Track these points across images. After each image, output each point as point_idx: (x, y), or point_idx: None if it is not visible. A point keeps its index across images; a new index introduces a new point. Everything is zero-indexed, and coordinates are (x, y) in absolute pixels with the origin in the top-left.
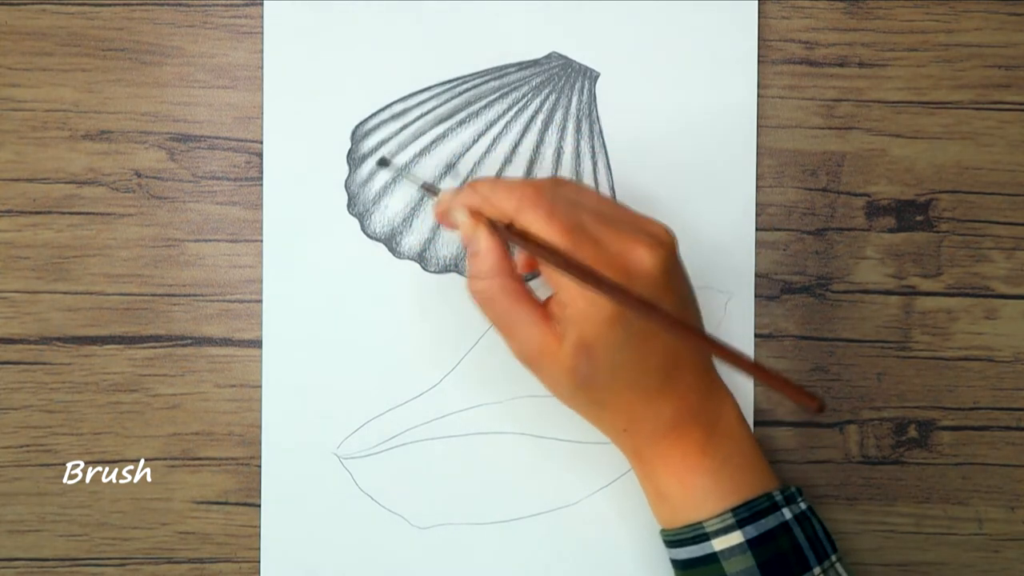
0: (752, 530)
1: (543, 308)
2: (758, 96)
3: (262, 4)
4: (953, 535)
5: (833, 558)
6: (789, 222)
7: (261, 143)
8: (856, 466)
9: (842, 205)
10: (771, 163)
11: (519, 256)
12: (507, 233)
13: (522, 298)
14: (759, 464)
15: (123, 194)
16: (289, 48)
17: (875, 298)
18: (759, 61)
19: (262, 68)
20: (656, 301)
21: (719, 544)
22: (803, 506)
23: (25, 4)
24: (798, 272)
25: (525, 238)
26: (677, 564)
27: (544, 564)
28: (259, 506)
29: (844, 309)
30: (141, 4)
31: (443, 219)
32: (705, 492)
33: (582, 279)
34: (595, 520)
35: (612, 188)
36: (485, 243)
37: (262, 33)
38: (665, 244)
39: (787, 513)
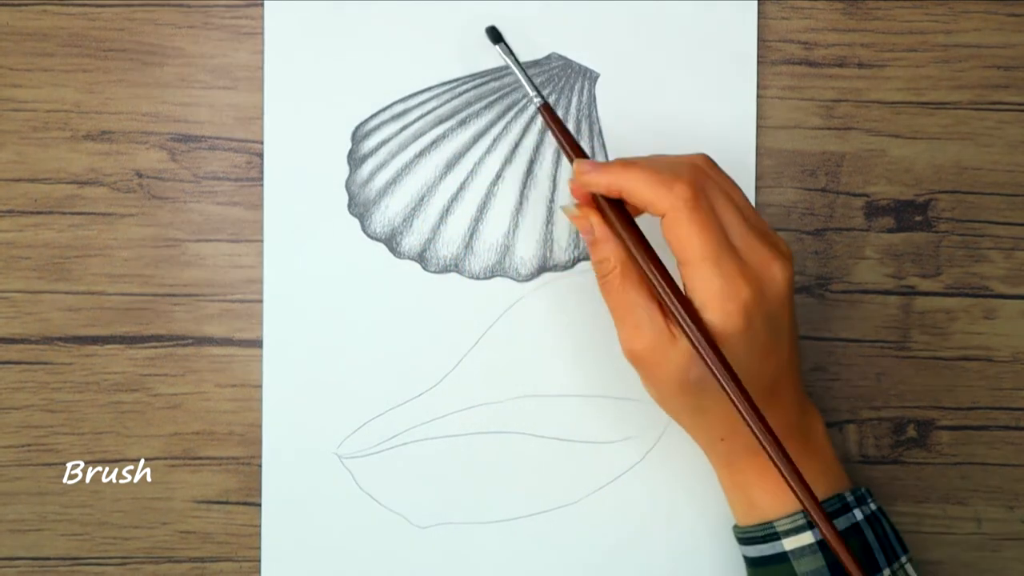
0: None
1: (662, 304)
2: (757, 96)
3: (263, 5)
4: (952, 534)
5: (903, 559)
6: (788, 222)
7: (262, 143)
8: (855, 466)
9: (841, 205)
10: (770, 163)
11: None
12: (620, 227)
13: (641, 287)
14: (835, 466)
15: (124, 194)
16: (290, 49)
17: (874, 298)
18: (758, 61)
19: (263, 69)
20: (778, 315)
21: (789, 544)
22: (873, 507)
23: (27, 5)
24: (797, 272)
25: (637, 245)
26: (748, 561)
27: (544, 564)
28: (259, 505)
29: (843, 309)
30: (142, 5)
31: (577, 191)
32: (788, 501)
33: (676, 316)
34: (595, 520)
35: None
36: (600, 232)
37: (263, 34)
38: (790, 260)
39: (858, 514)
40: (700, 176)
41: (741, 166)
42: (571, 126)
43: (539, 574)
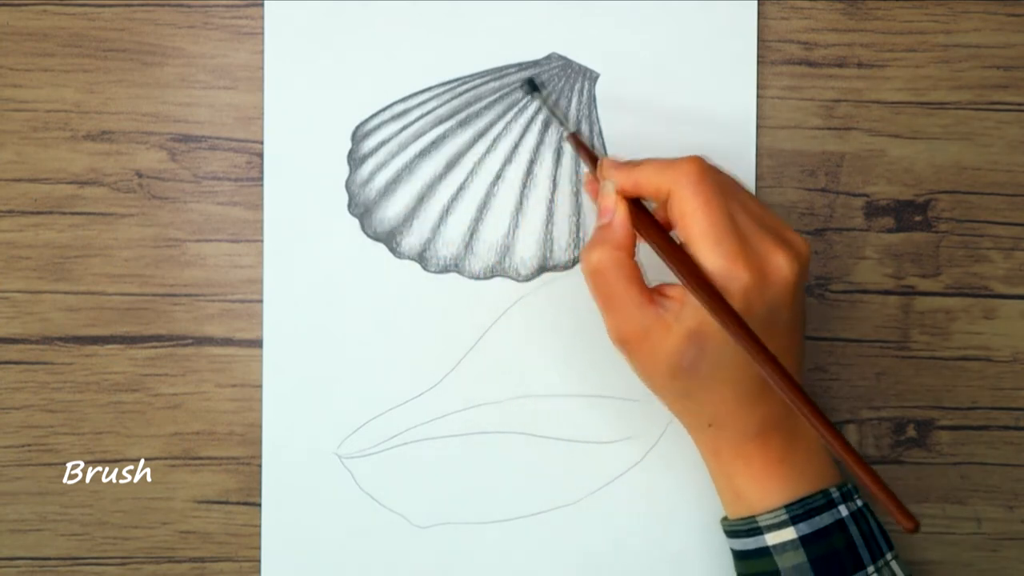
0: (805, 527)
1: (650, 292)
2: (757, 97)
3: (263, 5)
4: (952, 534)
5: (888, 556)
6: (788, 222)
7: (262, 143)
8: None
9: (841, 205)
10: (770, 163)
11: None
12: (644, 225)
13: (633, 278)
14: (824, 461)
15: (124, 194)
16: (290, 49)
17: (874, 298)
18: (758, 62)
19: (263, 69)
20: (780, 309)
21: (772, 539)
22: (860, 503)
23: (27, 5)
24: None
25: (658, 235)
26: (734, 554)
27: (544, 564)
28: (259, 505)
29: (843, 309)
30: (142, 5)
31: (590, 187)
32: (774, 491)
33: (691, 286)
34: (595, 520)
35: None
36: (620, 217)
37: (263, 34)
38: (802, 256)
39: (843, 510)
40: (707, 164)
41: (741, 166)
42: (570, 126)
43: (539, 574)
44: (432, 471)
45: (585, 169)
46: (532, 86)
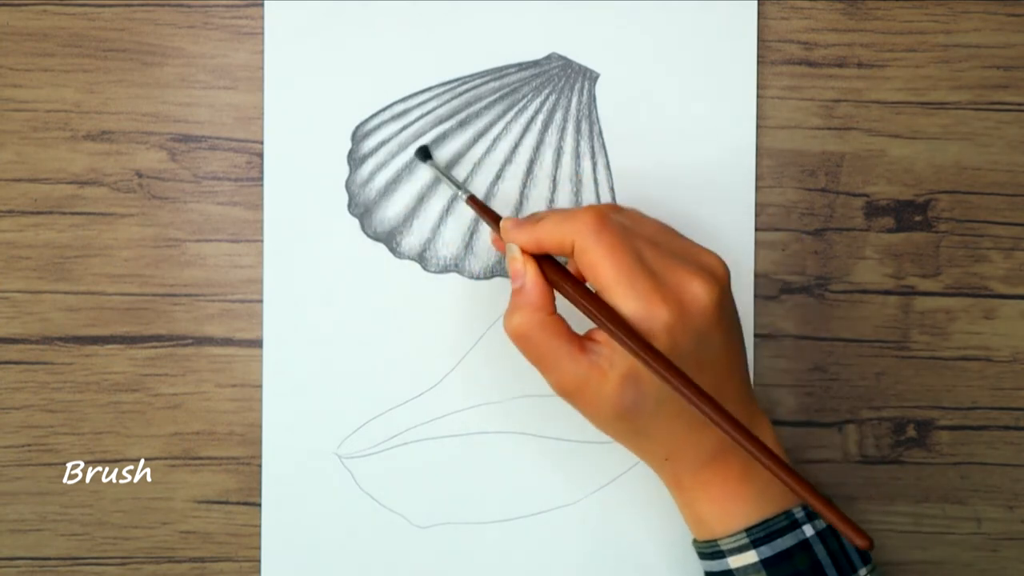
0: (767, 550)
1: (581, 341)
2: (757, 96)
3: (263, 5)
4: (952, 534)
5: (862, 571)
6: (788, 222)
7: (262, 143)
8: (855, 466)
9: (841, 205)
10: (770, 163)
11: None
12: (556, 277)
13: (560, 333)
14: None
15: (124, 194)
16: (290, 49)
17: (874, 298)
18: (758, 62)
19: (263, 69)
20: (708, 334)
21: (734, 562)
22: None
23: (27, 5)
24: (797, 272)
25: (571, 286)
26: (705, 575)
27: (544, 564)
28: (259, 506)
29: (843, 309)
30: (142, 5)
31: (497, 245)
32: (737, 514)
33: (618, 338)
34: (595, 520)
35: (612, 189)
36: (531, 278)
37: (263, 34)
38: (719, 278)
39: (808, 530)
40: (604, 209)
41: (741, 166)
42: (571, 126)
43: (539, 574)
44: (432, 471)
45: (585, 165)
46: (425, 154)
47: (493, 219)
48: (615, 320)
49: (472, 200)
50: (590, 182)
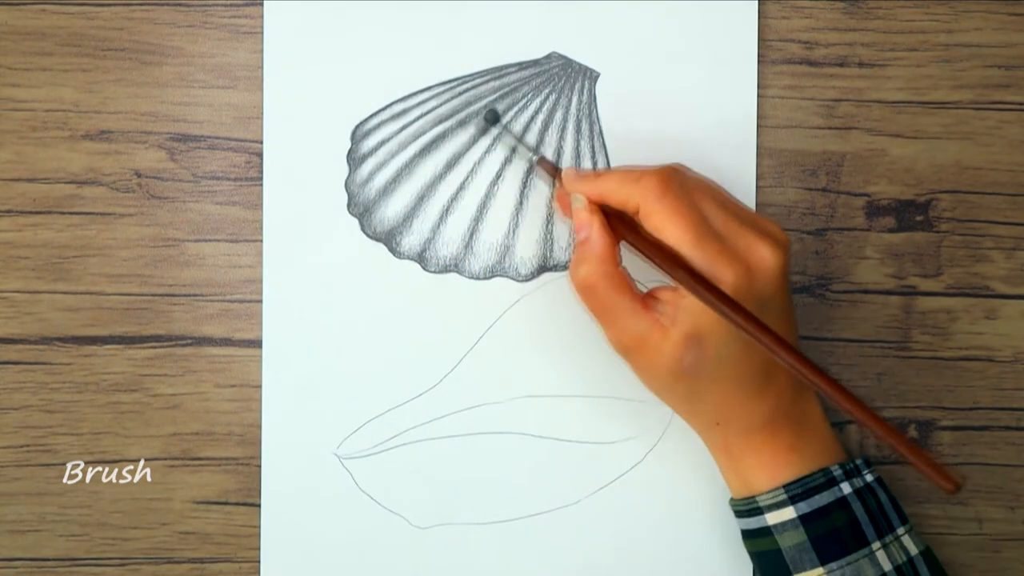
0: (805, 506)
1: (644, 298)
2: (758, 96)
3: (262, 4)
4: (953, 535)
5: (900, 531)
6: (789, 222)
7: (261, 143)
8: None
9: (842, 205)
10: (771, 163)
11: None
12: (623, 229)
13: (624, 287)
14: (834, 446)
15: (123, 194)
16: (289, 48)
17: (875, 298)
18: (759, 61)
19: (262, 68)
20: (771, 298)
21: (772, 519)
22: (869, 478)
23: (25, 4)
24: (798, 272)
25: (639, 238)
26: (742, 533)
27: (544, 564)
28: (259, 506)
29: (844, 309)
30: (141, 4)
31: (561, 202)
32: (780, 477)
33: (691, 286)
34: (595, 520)
35: None
36: (597, 231)
37: (262, 33)
38: (783, 244)
39: (846, 488)
40: (670, 171)
41: (741, 166)
42: (571, 126)
43: (539, 574)
44: (432, 471)
45: (585, 164)
46: (494, 117)
47: (555, 172)
48: (685, 269)
49: (542, 160)
50: None
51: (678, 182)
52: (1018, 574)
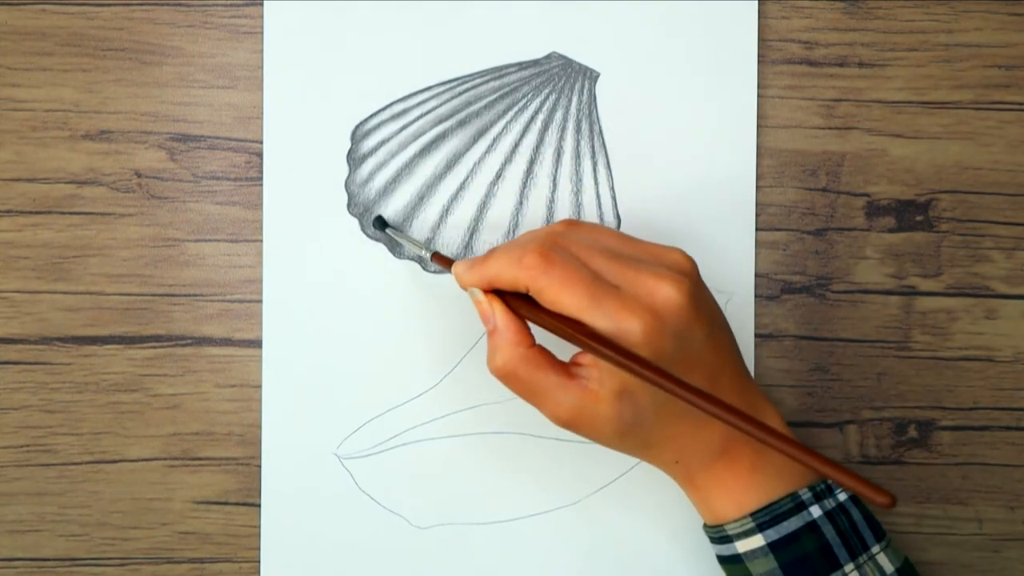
0: (773, 533)
1: (567, 368)
2: (758, 96)
3: (262, 4)
4: (953, 535)
5: (875, 549)
6: (789, 222)
7: (261, 143)
8: (856, 466)
9: (842, 205)
10: (771, 163)
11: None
12: (525, 309)
13: (544, 365)
14: (795, 463)
15: (123, 194)
16: (289, 48)
17: (875, 298)
18: (759, 61)
19: (262, 68)
20: (688, 331)
21: (742, 547)
22: (842, 497)
23: (25, 4)
24: (798, 272)
25: (539, 314)
26: (717, 558)
27: (544, 564)
28: (259, 506)
29: (844, 309)
30: (141, 4)
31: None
32: (746, 502)
33: (597, 352)
34: (595, 520)
35: (612, 188)
36: (501, 320)
37: (262, 33)
38: (687, 273)
39: (816, 511)
40: (549, 242)
41: (741, 166)
42: (571, 126)
43: (539, 574)
44: (432, 471)
45: (585, 164)
46: (382, 223)
47: (447, 264)
48: (594, 336)
49: (436, 256)
50: (590, 182)
51: (560, 249)
52: (1018, 574)
